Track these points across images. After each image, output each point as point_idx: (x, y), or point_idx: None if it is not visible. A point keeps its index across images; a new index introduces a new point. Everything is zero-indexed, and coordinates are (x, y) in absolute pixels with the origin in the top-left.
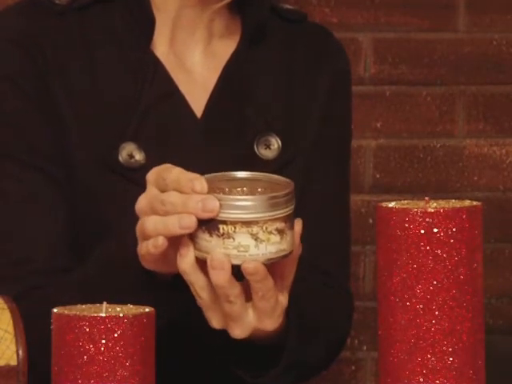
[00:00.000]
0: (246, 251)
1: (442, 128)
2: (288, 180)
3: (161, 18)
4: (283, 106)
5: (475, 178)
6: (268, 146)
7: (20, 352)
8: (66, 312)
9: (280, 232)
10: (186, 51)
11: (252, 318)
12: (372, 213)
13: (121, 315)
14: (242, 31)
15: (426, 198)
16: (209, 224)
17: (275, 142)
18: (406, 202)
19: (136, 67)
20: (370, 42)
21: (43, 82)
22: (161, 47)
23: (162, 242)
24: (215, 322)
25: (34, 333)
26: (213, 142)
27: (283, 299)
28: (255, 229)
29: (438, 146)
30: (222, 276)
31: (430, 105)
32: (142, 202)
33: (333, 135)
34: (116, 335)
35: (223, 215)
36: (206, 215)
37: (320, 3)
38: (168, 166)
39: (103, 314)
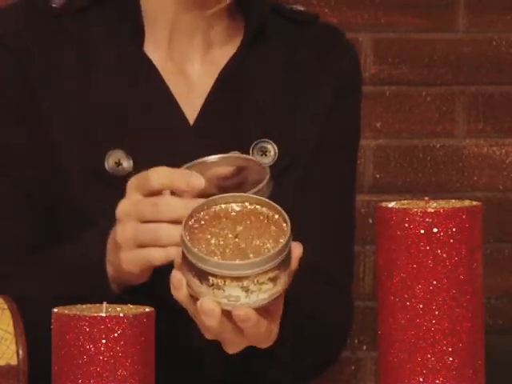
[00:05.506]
0: (237, 301)
1: (442, 128)
2: (276, 207)
3: (159, 23)
4: (283, 111)
5: (475, 178)
6: (264, 153)
7: (20, 352)
8: (66, 312)
9: (273, 280)
10: (184, 58)
11: (245, 342)
12: (372, 213)
13: (121, 315)
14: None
15: (426, 198)
16: (199, 272)
17: (271, 149)
18: (405, 201)
19: (129, 72)
20: (369, 42)
21: (28, 85)
22: (158, 53)
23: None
24: (208, 335)
25: None
26: (205, 149)
27: (275, 328)
28: (246, 282)
29: (438, 146)
30: (212, 321)
31: (429, 105)
32: (126, 207)
33: (337, 135)
34: (116, 335)
35: (212, 269)
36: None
37: (320, 3)
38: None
39: (103, 314)
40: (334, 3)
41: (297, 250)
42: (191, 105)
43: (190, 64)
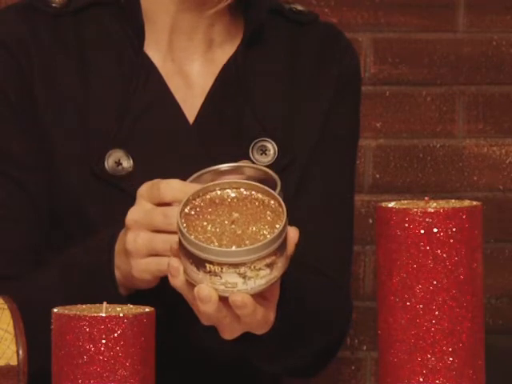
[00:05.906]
0: (234, 287)
1: (442, 128)
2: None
3: (159, 23)
4: (283, 109)
5: (475, 178)
6: (264, 152)
7: (20, 352)
8: (66, 312)
9: (270, 265)
10: (184, 57)
11: (241, 328)
12: (372, 213)
13: (121, 315)
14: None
15: (426, 198)
16: (196, 259)
17: (271, 148)
18: (405, 202)
19: (129, 71)
20: (369, 42)
21: (27, 85)
22: (158, 53)
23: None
24: (205, 321)
25: None
26: (205, 148)
27: (271, 314)
28: (243, 269)
29: (438, 146)
30: (209, 307)
31: (429, 105)
32: (136, 215)
33: (336, 135)
34: (116, 335)
35: (209, 256)
36: None
37: (320, 3)
38: (160, 179)
39: (103, 314)
40: (333, 3)
41: (293, 234)
42: (191, 104)
43: (190, 63)
